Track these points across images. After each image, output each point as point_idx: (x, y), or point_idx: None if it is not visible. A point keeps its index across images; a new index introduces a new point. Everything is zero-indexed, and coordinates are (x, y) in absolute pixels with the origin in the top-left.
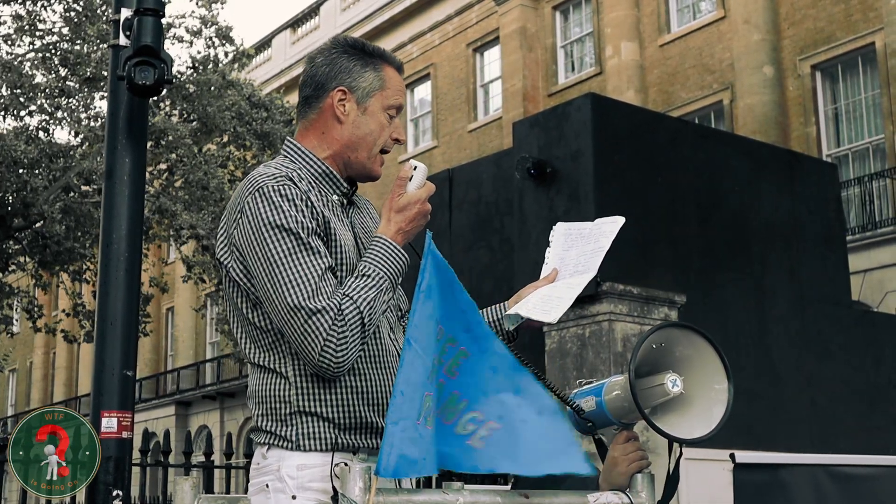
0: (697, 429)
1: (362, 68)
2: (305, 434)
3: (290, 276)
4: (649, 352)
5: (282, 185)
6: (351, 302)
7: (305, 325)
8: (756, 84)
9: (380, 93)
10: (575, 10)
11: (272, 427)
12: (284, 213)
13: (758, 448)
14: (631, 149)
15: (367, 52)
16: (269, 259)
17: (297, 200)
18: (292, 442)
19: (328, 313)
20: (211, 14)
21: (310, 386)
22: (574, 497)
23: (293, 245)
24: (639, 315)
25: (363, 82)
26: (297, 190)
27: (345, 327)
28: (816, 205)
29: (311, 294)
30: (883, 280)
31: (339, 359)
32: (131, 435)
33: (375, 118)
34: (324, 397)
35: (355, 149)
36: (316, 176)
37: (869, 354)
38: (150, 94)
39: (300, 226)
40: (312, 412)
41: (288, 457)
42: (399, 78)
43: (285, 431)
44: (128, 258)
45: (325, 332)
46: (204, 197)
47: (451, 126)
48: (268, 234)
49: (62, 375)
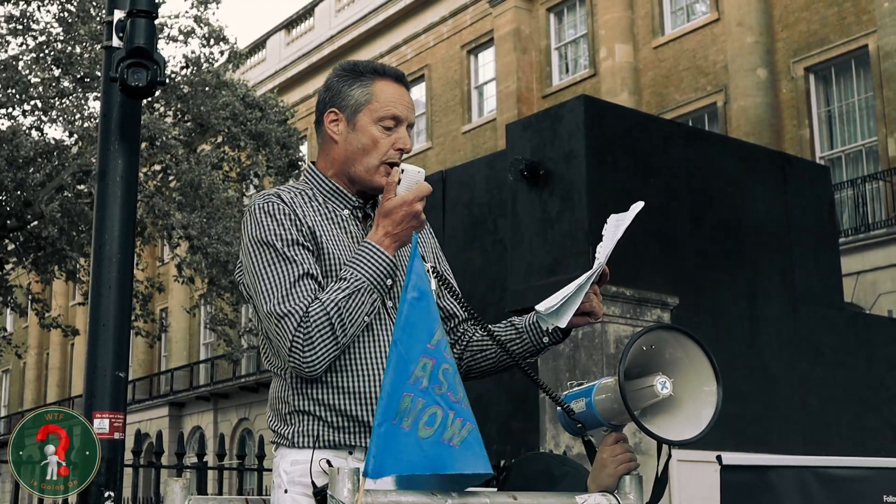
0: (686, 431)
1: (349, 87)
2: (300, 432)
3: (265, 285)
4: (639, 354)
5: (267, 202)
6: (319, 305)
7: (276, 328)
8: (750, 86)
9: (367, 107)
10: (569, 12)
11: (277, 427)
12: (265, 228)
13: (750, 449)
14: (624, 151)
15: (358, 71)
16: (253, 272)
17: (278, 214)
18: (289, 440)
19: (294, 317)
20: (204, 14)
21: (302, 386)
22: (562, 499)
23: (270, 256)
24: (631, 317)
25: (350, 100)
26: (282, 204)
27: (310, 329)
28: (809, 207)
29: (280, 300)
30: (875, 282)
31: (306, 360)
32: (123, 436)
33: (366, 132)
34: (316, 397)
35: (352, 164)
36: (325, 193)
37: (861, 356)
38: (142, 95)
39: (278, 238)
40: (306, 411)
41: (286, 454)
42: (394, 88)
43: (285, 430)
44: (120, 259)
45: (290, 335)
46: (198, 197)
47: (446, 127)
48: (252, 250)
49: (55, 376)
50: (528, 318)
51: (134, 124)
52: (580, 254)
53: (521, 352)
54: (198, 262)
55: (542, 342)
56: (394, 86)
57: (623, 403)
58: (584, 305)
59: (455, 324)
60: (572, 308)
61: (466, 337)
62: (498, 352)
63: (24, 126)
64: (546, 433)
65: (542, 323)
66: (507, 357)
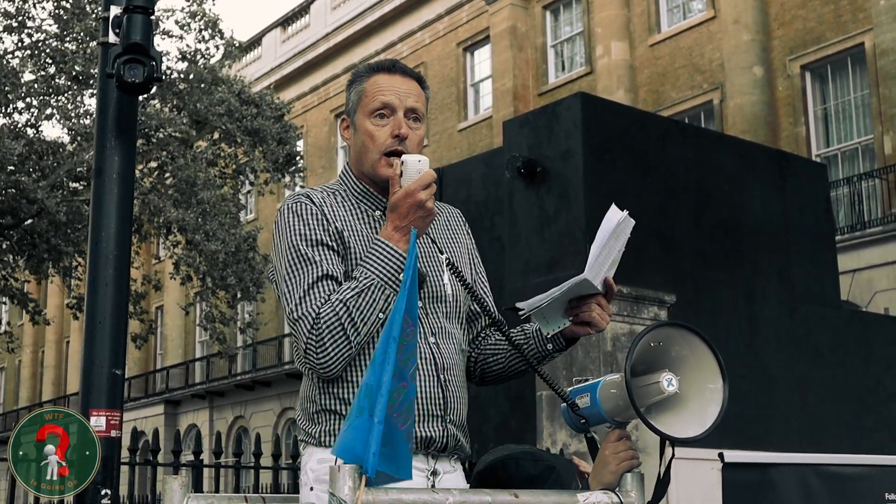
0: (691, 428)
1: (349, 92)
2: (327, 431)
3: (287, 287)
4: (645, 350)
5: (297, 202)
6: (329, 307)
7: (295, 331)
8: (746, 84)
9: (360, 104)
10: (565, 10)
11: (305, 426)
12: (292, 230)
13: (748, 448)
14: (621, 148)
15: (357, 74)
16: (279, 273)
17: (305, 215)
18: (316, 438)
19: (307, 320)
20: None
21: (327, 385)
22: (564, 497)
23: (293, 258)
24: (629, 314)
25: (350, 104)
26: (311, 205)
27: (320, 331)
28: (806, 205)
29: (298, 302)
30: (872, 280)
31: (319, 361)
32: (120, 434)
33: (363, 128)
34: (341, 395)
35: (362, 164)
36: (356, 195)
37: (858, 354)
38: (139, 91)
39: (302, 238)
40: (333, 410)
41: (313, 452)
42: (383, 79)
43: (312, 429)
44: (117, 256)
45: (304, 338)
46: (193, 193)
47: (442, 125)
48: (279, 251)
49: (51, 374)
50: (533, 325)
51: (130, 121)
52: (577, 252)
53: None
54: (193, 258)
55: (546, 349)
56: (384, 76)
57: (629, 400)
58: (584, 315)
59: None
60: (556, 313)
61: (481, 337)
62: (508, 357)
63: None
64: (543, 431)
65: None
66: (519, 362)
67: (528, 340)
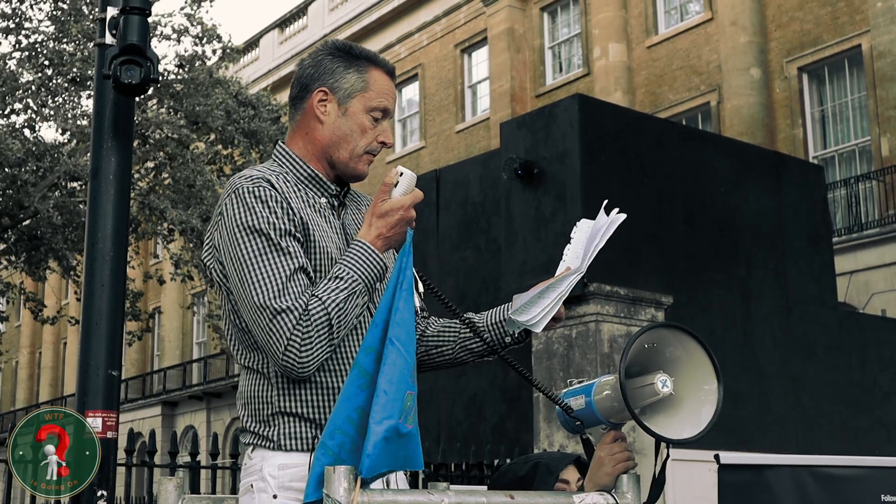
0: (686, 429)
1: (345, 69)
2: (287, 434)
3: (257, 275)
4: (640, 351)
5: (257, 186)
6: (319, 303)
7: (270, 324)
8: (743, 86)
9: (361, 94)
10: (563, 12)
11: (256, 428)
12: (256, 215)
13: (743, 449)
14: (618, 150)
15: (353, 55)
16: (240, 259)
17: (270, 202)
18: (274, 442)
19: (293, 313)
20: (197, 12)
21: (290, 386)
22: (559, 498)
23: (263, 245)
24: (625, 316)
25: (345, 83)
26: (274, 191)
27: (309, 328)
28: (803, 206)
29: (276, 294)
30: (868, 282)
31: (302, 359)
32: (116, 435)
33: (356, 119)
34: (304, 398)
35: (337, 148)
36: (302, 179)
37: (854, 356)
38: (136, 93)
39: (271, 227)
40: (293, 412)
41: (270, 457)
42: (386, 81)
43: (268, 432)
44: (113, 257)
45: (288, 332)
46: (192, 195)
47: (439, 127)
48: (239, 236)
49: (48, 375)
50: (489, 316)
51: (127, 122)
52: None
53: (478, 350)
54: (191, 258)
55: (503, 342)
56: (386, 78)
57: (623, 401)
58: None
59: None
60: (550, 315)
61: (419, 329)
62: (454, 348)
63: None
64: (540, 433)
65: (507, 326)
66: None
67: (484, 334)
